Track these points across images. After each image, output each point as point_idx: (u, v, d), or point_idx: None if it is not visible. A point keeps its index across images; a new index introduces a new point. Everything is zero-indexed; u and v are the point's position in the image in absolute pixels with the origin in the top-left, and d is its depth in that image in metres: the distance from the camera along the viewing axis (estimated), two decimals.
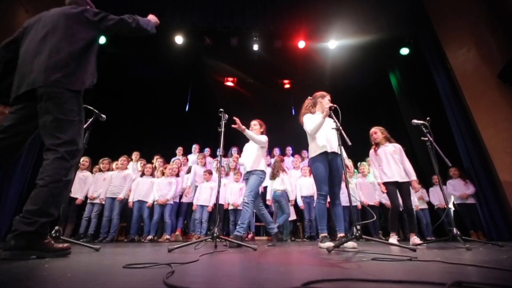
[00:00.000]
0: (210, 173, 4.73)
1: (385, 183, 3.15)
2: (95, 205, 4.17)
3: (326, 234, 2.50)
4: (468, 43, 4.51)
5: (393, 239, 2.98)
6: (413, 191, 3.38)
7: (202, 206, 4.45)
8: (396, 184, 3.10)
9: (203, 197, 4.49)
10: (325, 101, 2.80)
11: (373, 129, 3.46)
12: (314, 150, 2.69)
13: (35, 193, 1.38)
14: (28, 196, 1.37)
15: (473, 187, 4.23)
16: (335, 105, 2.46)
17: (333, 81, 6.78)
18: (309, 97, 2.99)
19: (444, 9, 4.94)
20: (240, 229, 2.79)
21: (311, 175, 3.81)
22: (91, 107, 2.43)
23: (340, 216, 2.57)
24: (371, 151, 3.42)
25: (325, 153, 2.60)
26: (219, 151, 2.57)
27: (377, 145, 3.36)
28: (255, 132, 3.27)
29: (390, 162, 3.17)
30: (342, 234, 2.50)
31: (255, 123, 3.37)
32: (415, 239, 2.83)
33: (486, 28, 4.29)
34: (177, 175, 4.64)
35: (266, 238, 4.93)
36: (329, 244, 2.32)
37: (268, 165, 5.27)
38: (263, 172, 3.11)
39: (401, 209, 3.24)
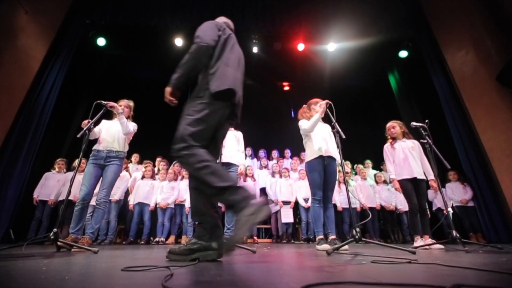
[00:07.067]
0: None
1: (401, 181, 2.98)
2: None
3: (322, 236, 2.54)
4: (466, 46, 4.53)
5: (420, 242, 2.74)
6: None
7: None
8: (412, 182, 2.94)
9: None
10: (317, 107, 2.81)
11: (391, 123, 3.29)
12: (310, 154, 2.74)
13: None
14: (27, 197, 1.36)
15: (471, 191, 4.23)
16: (330, 102, 2.52)
17: (332, 83, 6.79)
18: (304, 105, 3.01)
19: (443, 11, 4.97)
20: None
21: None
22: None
23: (331, 219, 2.63)
24: (387, 145, 3.23)
25: (321, 157, 2.64)
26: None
27: (394, 139, 3.21)
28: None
29: (408, 157, 3.00)
30: (333, 237, 2.56)
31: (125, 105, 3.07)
32: (428, 241, 2.73)
33: (484, 31, 4.31)
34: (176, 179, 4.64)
35: (268, 241, 4.92)
36: (326, 246, 2.36)
37: (265, 167, 5.27)
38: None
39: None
